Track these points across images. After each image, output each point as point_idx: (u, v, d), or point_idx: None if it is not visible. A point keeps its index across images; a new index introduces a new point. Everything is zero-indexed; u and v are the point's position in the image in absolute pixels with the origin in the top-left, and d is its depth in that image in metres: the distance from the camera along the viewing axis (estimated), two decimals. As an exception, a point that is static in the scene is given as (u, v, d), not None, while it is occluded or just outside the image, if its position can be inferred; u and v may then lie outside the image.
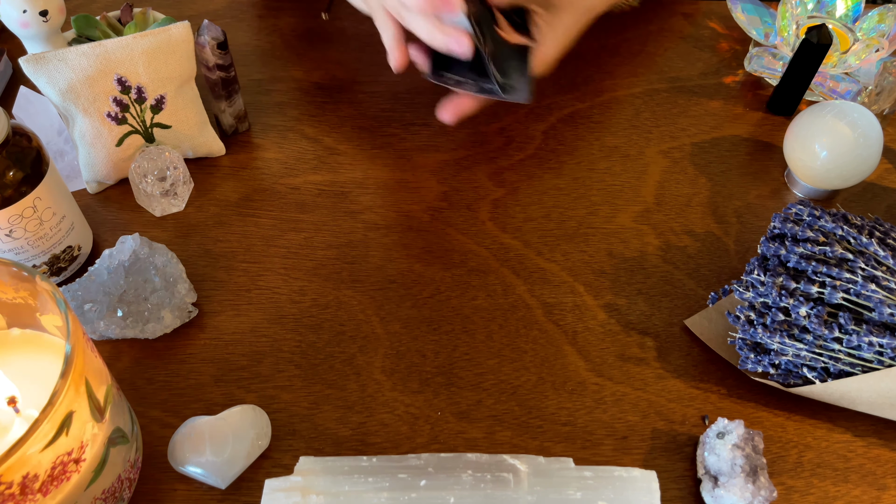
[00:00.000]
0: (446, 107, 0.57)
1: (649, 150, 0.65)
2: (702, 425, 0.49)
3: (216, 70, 0.60)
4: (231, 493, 0.45)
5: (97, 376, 0.38)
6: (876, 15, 0.68)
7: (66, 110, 0.56)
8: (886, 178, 0.63)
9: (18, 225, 0.48)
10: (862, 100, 0.66)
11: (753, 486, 0.43)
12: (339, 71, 0.70)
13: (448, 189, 0.61)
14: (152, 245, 0.53)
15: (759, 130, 0.67)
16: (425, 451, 0.47)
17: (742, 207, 0.61)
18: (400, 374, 0.50)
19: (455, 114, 0.57)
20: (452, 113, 0.57)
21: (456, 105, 0.57)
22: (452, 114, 0.57)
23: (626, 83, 0.70)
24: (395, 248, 0.57)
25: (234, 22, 0.74)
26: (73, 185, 0.60)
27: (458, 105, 0.57)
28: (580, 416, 0.49)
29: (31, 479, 0.33)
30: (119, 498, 0.42)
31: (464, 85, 0.55)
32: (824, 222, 0.48)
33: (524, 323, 0.53)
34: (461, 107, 0.57)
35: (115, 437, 0.40)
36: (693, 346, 0.52)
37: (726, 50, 0.73)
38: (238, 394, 0.49)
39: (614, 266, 0.57)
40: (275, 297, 0.54)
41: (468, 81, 0.54)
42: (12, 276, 0.38)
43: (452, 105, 0.57)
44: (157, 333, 0.51)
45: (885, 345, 0.44)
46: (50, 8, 0.59)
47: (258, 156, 0.63)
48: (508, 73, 0.54)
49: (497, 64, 0.53)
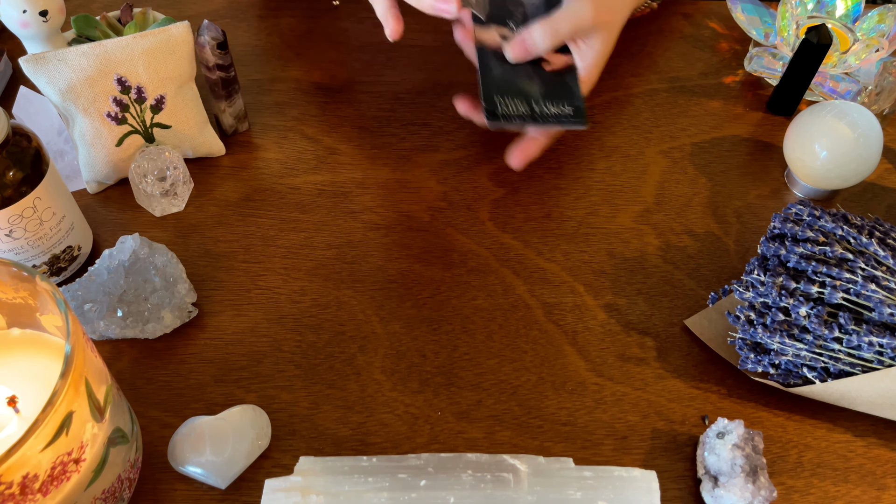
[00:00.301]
0: (514, 153, 0.57)
1: (649, 150, 0.65)
2: (702, 425, 0.49)
3: (216, 70, 0.60)
4: (231, 493, 0.45)
5: (97, 376, 0.38)
6: (876, 15, 0.68)
7: (66, 110, 0.56)
8: (886, 178, 0.63)
9: (18, 225, 0.48)
10: (862, 100, 0.66)
11: (753, 486, 0.43)
12: (339, 71, 0.70)
13: (448, 189, 0.61)
14: (152, 245, 0.53)
15: (759, 130, 0.67)
16: (425, 451, 0.47)
17: (742, 207, 0.61)
18: (400, 374, 0.50)
19: (523, 160, 0.57)
20: (520, 159, 0.57)
21: (523, 150, 0.57)
22: (520, 160, 0.57)
23: (626, 83, 0.70)
24: (395, 248, 0.57)
25: (234, 22, 0.74)
26: (73, 185, 0.60)
27: (525, 150, 0.57)
28: (580, 416, 0.49)
29: (31, 479, 0.33)
30: (119, 498, 0.42)
31: (523, 120, 0.54)
32: (824, 222, 0.48)
33: (524, 323, 0.53)
34: (527, 151, 0.57)
35: (115, 437, 0.40)
36: (693, 346, 0.52)
37: (726, 50, 0.73)
38: (238, 394, 0.49)
39: (614, 266, 0.57)
40: (275, 297, 0.54)
41: (526, 116, 0.54)
42: (12, 276, 0.38)
43: (520, 150, 0.57)
44: (157, 333, 0.51)
45: (885, 345, 0.44)
46: (50, 8, 0.59)
47: (258, 156, 0.63)
48: (563, 99, 0.55)
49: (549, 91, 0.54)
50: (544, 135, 0.58)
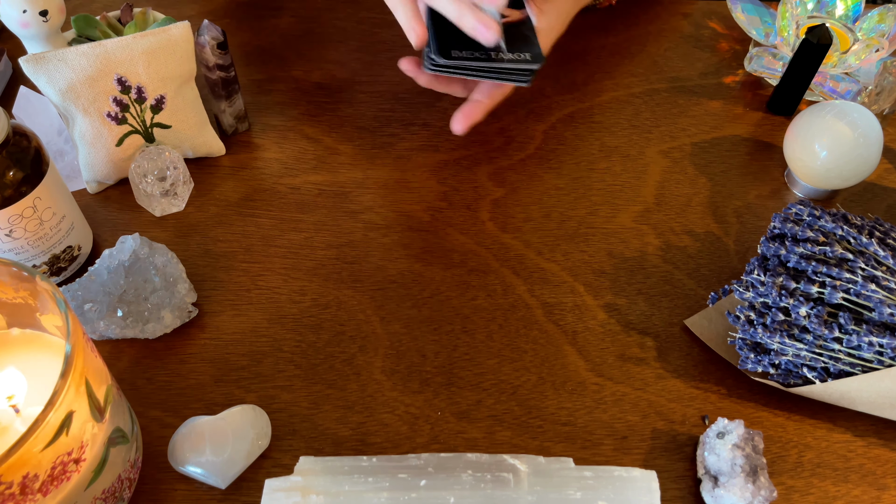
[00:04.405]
0: (457, 117, 0.57)
1: (649, 150, 0.65)
2: (702, 425, 0.49)
3: (216, 70, 0.60)
4: (231, 493, 0.45)
5: (97, 376, 0.38)
6: (876, 15, 0.68)
7: (66, 110, 0.56)
8: (886, 178, 0.63)
9: (18, 225, 0.48)
10: (862, 100, 0.66)
11: (753, 486, 0.43)
12: (339, 71, 0.70)
13: (448, 189, 0.61)
14: (152, 245, 0.53)
15: (759, 130, 0.67)
16: (425, 451, 0.47)
17: (742, 207, 0.61)
18: (400, 374, 0.50)
19: (467, 124, 0.57)
20: (463, 122, 0.57)
21: (466, 114, 0.57)
22: (463, 123, 0.57)
23: (626, 83, 0.70)
24: (395, 248, 0.57)
25: (234, 22, 0.75)
26: (73, 185, 0.60)
27: (468, 113, 0.57)
28: (580, 416, 0.49)
29: (31, 479, 0.33)
30: (119, 498, 0.42)
31: (470, 66, 0.52)
32: (824, 222, 0.48)
33: (524, 323, 0.53)
34: (471, 115, 0.57)
35: (115, 437, 0.40)
36: (693, 346, 0.52)
37: (726, 50, 0.73)
38: (238, 394, 0.49)
39: (614, 266, 0.57)
40: (275, 297, 0.54)
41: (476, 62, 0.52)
42: (12, 276, 0.38)
43: (463, 115, 0.57)
44: (157, 333, 0.51)
45: (885, 345, 0.44)
46: (50, 8, 0.59)
47: (258, 156, 0.63)
48: (520, 46, 0.53)
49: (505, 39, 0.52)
50: (487, 96, 0.57)
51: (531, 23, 0.56)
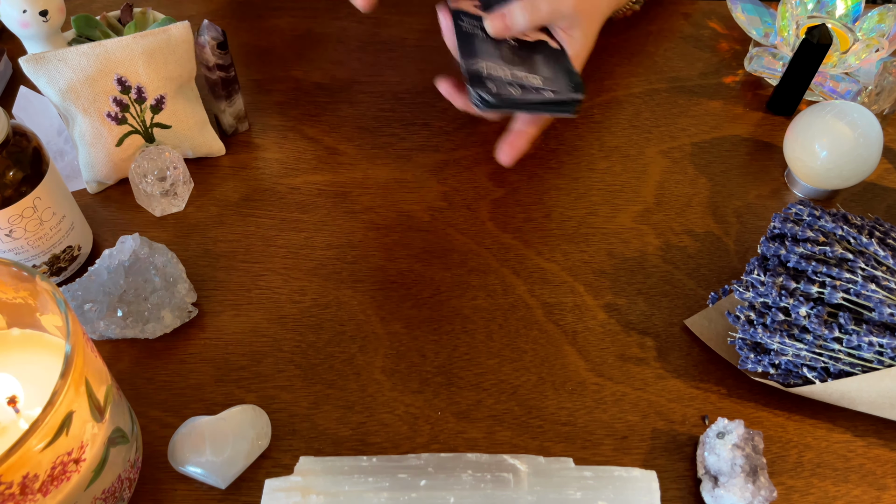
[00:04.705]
0: (503, 149, 0.57)
1: (649, 150, 0.65)
2: (702, 425, 0.49)
3: (216, 70, 0.60)
4: (231, 493, 0.45)
5: (97, 376, 0.38)
6: (876, 15, 0.68)
7: (66, 110, 0.56)
8: (886, 178, 0.63)
9: (18, 225, 0.48)
10: (862, 100, 0.66)
11: (753, 486, 0.43)
12: (339, 71, 0.70)
13: (448, 189, 0.61)
14: (152, 245, 0.53)
15: (759, 130, 0.67)
16: (425, 451, 0.47)
17: (742, 207, 0.61)
18: (400, 374, 0.50)
19: (513, 155, 0.57)
20: (510, 153, 0.57)
21: (511, 145, 0.57)
22: (510, 155, 0.57)
23: (626, 83, 0.70)
24: (395, 248, 0.57)
25: (234, 22, 0.75)
26: (73, 185, 0.60)
27: (513, 144, 0.57)
28: (580, 416, 0.49)
29: (31, 479, 0.33)
30: (119, 498, 0.42)
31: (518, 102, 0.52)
32: (824, 222, 0.48)
33: (524, 323, 0.53)
34: (516, 145, 0.57)
35: (115, 437, 0.40)
36: (693, 346, 0.52)
37: (726, 50, 0.73)
38: (238, 394, 0.49)
39: (614, 266, 0.57)
40: (275, 297, 0.54)
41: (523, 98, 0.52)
42: (12, 276, 0.38)
43: (508, 145, 0.57)
44: (157, 333, 0.51)
45: (885, 345, 0.44)
46: (50, 8, 0.59)
47: (258, 156, 0.63)
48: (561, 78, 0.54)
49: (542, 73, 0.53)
50: (531, 125, 0.57)
51: (566, 53, 0.56)
